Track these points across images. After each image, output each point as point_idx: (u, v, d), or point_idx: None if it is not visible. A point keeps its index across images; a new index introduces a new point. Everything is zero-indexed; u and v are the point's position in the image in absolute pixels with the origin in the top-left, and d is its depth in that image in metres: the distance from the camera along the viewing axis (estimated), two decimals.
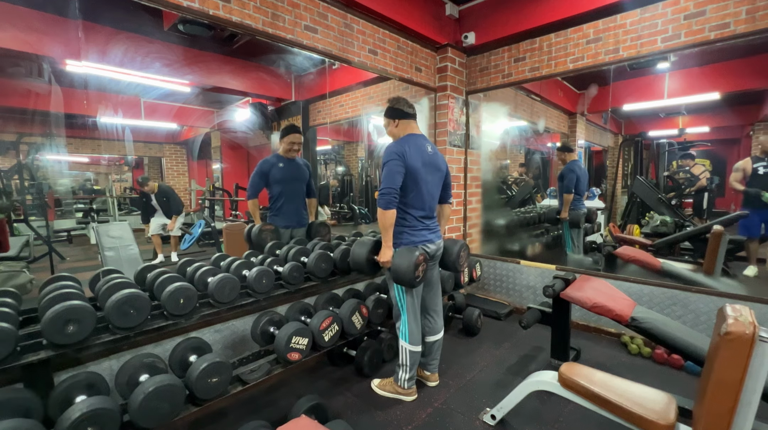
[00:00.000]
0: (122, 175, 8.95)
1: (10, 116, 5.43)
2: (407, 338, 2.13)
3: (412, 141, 2.04)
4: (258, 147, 7.09)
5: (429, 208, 2.12)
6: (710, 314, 2.55)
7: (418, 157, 2.01)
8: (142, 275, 2.08)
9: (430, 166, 2.08)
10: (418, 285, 2.06)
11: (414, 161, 1.99)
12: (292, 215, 2.99)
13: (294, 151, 2.92)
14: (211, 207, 6.91)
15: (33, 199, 5.52)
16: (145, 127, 6.53)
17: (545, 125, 5.22)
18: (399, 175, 1.95)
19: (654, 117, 5.24)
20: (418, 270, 1.96)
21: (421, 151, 2.04)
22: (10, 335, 1.32)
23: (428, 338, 2.30)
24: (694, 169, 4.55)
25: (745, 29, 2.31)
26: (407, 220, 2.08)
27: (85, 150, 7.39)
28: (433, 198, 2.14)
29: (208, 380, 1.56)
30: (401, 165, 1.95)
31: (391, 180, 1.94)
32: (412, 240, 2.07)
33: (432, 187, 2.12)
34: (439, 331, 2.31)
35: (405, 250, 2.00)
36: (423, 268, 2.01)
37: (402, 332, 2.14)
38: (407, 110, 2.12)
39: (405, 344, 2.14)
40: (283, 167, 2.90)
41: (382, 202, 1.94)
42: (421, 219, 2.09)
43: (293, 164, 2.96)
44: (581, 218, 3.98)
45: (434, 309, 2.30)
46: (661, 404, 1.45)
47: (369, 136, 6.43)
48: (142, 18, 3.11)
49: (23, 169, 5.18)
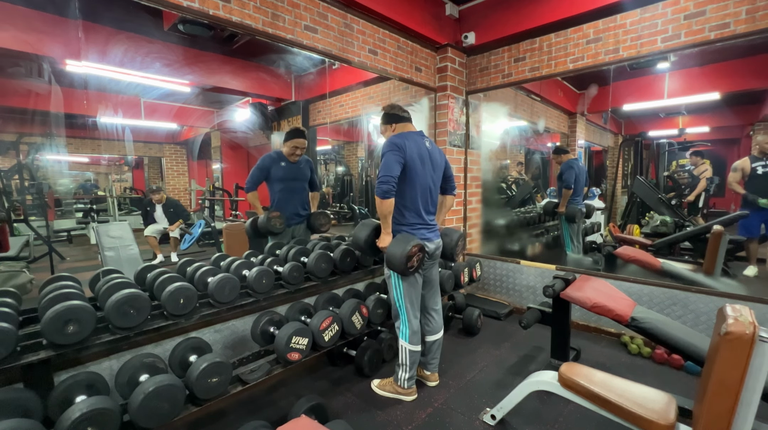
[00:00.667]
0: (122, 175, 8.94)
1: (10, 116, 5.43)
2: (407, 337, 2.13)
3: (410, 136, 2.07)
4: (258, 147, 7.09)
5: (426, 203, 2.13)
6: (710, 314, 2.55)
7: (416, 149, 2.04)
8: (142, 275, 2.08)
9: (429, 160, 2.10)
10: (411, 274, 2.05)
11: (411, 153, 2.01)
12: (292, 213, 2.99)
13: (296, 155, 2.92)
14: (211, 207, 6.91)
15: (33, 199, 5.53)
16: (145, 127, 6.52)
17: (545, 125, 5.22)
18: (398, 165, 1.97)
19: (654, 117, 5.24)
20: (411, 260, 1.97)
21: (418, 145, 2.06)
22: (10, 335, 1.32)
23: (428, 337, 2.30)
24: (700, 167, 4.51)
25: (745, 29, 2.31)
26: (405, 216, 2.08)
27: (85, 150, 7.39)
28: (431, 194, 2.15)
29: (208, 380, 1.56)
30: (400, 155, 1.98)
31: (389, 169, 1.95)
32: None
33: (430, 182, 2.12)
34: (439, 330, 2.32)
35: (402, 237, 2.01)
36: (418, 258, 2.01)
37: (402, 331, 2.15)
38: (402, 114, 2.17)
39: (404, 343, 2.14)
40: (285, 167, 2.92)
41: (380, 191, 1.96)
42: (419, 216, 2.10)
43: (295, 164, 2.97)
44: (577, 213, 3.99)
45: (434, 308, 2.31)
46: (661, 404, 1.45)
47: (369, 136, 6.43)
48: (142, 18, 3.11)
49: (23, 169, 5.18)
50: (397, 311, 2.15)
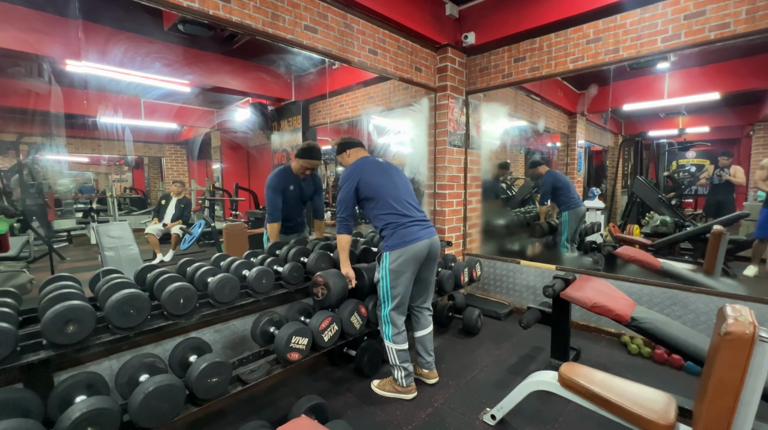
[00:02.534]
0: (122, 175, 8.95)
1: (10, 116, 5.44)
2: (389, 337, 2.16)
3: (363, 160, 2.26)
4: (258, 147, 7.10)
5: (405, 205, 2.17)
6: (710, 314, 2.55)
7: (372, 169, 2.20)
8: (142, 275, 2.07)
9: (387, 171, 2.24)
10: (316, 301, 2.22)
11: (368, 168, 2.20)
12: (292, 226, 3.02)
13: (305, 174, 2.84)
14: (211, 207, 6.91)
15: (33, 200, 5.52)
16: (145, 127, 6.53)
17: (545, 125, 5.22)
18: (351, 200, 2.16)
19: (654, 117, 5.25)
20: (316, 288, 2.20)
21: (373, 163, 2.24)
22: (10, 335, 1.32)
23: (417, 333, 2.32)
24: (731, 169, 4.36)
25: (745, 29, 2.31)
26: (389, 221, 2.12)
27: (85, 150, 7.40)
28: (406, 195, 2.21)
29: (208, 380, 1.56)
30: (353, 188, 2.15)
31: (344, 207, 2.17)
32: (404, 240, 2.07)
33: (397, 188, 2.20)
34: (428, 325, 2.34)
35: (335, 272, 2.24)
36: (320, 291, 2.19)
37: (384, 332, 2.18)
38: (354, 141, 2.36)
39: (388, 343, 2.17)
40: (294, 190, 2.85)
41: (337, 228, 2.21)
42: (403, 215, 2.13)
43: (304, 184, 2.93)
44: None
45: (422, 306, 2.32)
46: (661, 404, 1.45)
47: (369, 136, 6.43)
48: (142, 18, 3.11)
49: (23, 169, 5.19)
50: (382, 311, 2.17)
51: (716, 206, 4.42)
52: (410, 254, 2.06)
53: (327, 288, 2.16)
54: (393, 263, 2.07)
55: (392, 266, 2.07)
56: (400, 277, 2.08)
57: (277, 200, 2.76)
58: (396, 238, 2.08)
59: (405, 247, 2.06)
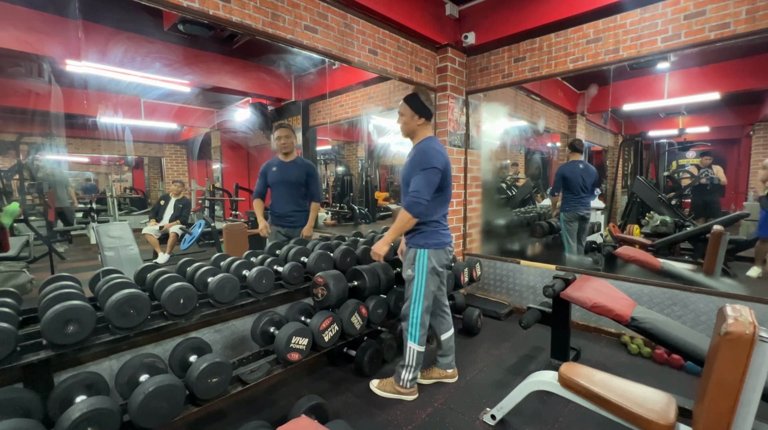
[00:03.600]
0: (122, 175, 8.95)
1: (10, 116, 5.44)
2: (416, 339, 2.13)
3: (441, 145, 2.05)
4: (258, 147, 7.09)
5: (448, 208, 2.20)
6: (710, 314, 2.55)
7: (447, 161, 2.03)
8: (142, 275, 2.08)
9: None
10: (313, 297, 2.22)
11: (448, 167, 2.03)
12: (283, 216, 3.01)
13: (283, 145, 2.94)
14: (211, 207, 6.91)
15: (33, 200, 5.53)
16: (145, 127, 6.53)
17: (545, 125, 5.22)
18: (435, 187, 1.95)
19: (654, 117, 5.25)
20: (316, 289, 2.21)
21: (445, 155, 2.04)
22: (10, 335, 1.32)
23: (443, 335, 2.33)
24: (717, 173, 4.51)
25: (745, 29, 2.31)
26: (437, 219, 2.08)
27: (85, 150, 7.41)
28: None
29: (208, 380, 1.56)
30: (439, 177, 1.96)
31: (428, 191, 1.92)
32: (443, 241, 2.09)
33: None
34: (452, 327, 2.38)
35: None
36: (320, 291, 2.20)
37: (411, 333, 2.14)
38: (432, 111, 2.08)
39: (413, 345, 2.13)
40: (276, 171, 2.97)
41: (413, 210, 1.92)
42: (445, 217, 2.14)
43: (288, 166, 2.96)
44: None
45: (444, 308, 2.35)
46: (661, 404, 1.45)
47: (369, 136, 6.43)
48: (142, 18, 3.11)
49: (23, 169, 5.19)
50: (407, 312, 2.14)
51: (703, 206, 4.56)
52: (446, 256, 2.11)
53: (327, 289, 2.16)
54: (432, 263, 2.06)
55: (431, 265, 2.06)
56: (435, 277, 2.10)
57: (260, 180, 3.06)
58: (438, 237, 2.07)
59: (444, 247, 2.08)
